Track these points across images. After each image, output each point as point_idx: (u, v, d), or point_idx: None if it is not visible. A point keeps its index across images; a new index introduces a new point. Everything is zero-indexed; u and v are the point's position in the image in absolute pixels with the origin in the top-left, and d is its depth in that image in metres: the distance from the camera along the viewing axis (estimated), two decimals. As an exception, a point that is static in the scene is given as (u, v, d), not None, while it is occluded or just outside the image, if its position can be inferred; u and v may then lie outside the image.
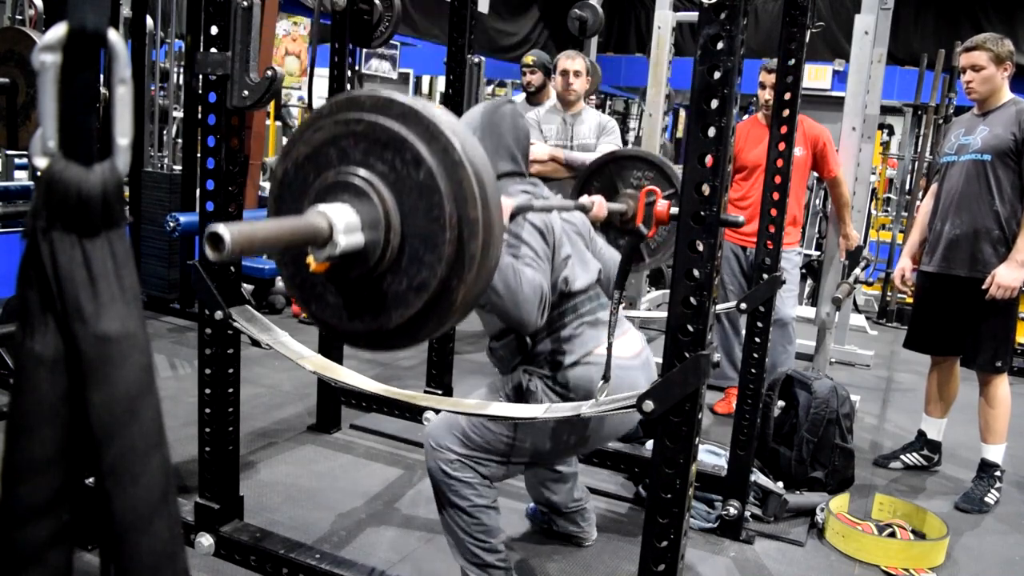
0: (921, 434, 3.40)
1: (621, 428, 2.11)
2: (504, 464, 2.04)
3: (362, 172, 1.00)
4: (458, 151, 0.96)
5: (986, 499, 3.04)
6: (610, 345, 1.74)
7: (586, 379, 1.97)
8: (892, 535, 2.68)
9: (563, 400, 1.98)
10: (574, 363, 1.99)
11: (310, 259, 0.99)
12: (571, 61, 3.77)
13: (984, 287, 2.94)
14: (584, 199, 2.26)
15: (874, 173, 6.44)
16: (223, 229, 0.82)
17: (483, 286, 1.02)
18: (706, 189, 1.43)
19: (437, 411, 3.04)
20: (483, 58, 3.30)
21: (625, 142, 6.44)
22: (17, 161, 5.28)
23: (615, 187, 2.76)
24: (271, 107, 6.88)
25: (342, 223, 0.96)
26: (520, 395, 2.05)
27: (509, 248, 1.89)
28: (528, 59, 4.20)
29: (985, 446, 3.11)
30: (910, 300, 4.23)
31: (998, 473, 3.09)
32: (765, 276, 2.58)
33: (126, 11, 4.78)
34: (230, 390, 2.13)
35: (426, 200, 0.97)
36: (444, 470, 2.00)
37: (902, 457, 3.38)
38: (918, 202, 6.45)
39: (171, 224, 4.21)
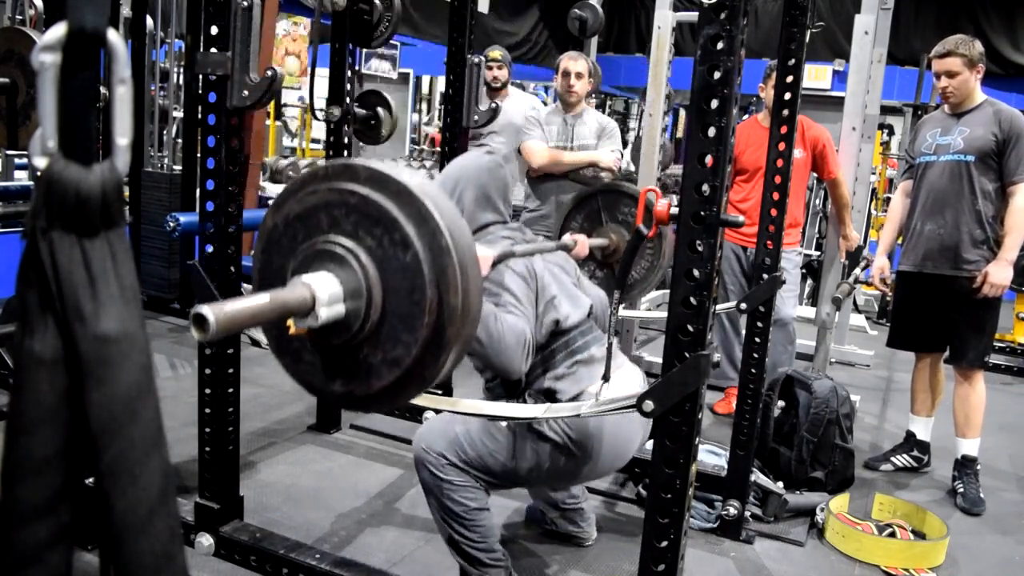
0: (910, 435, 3.40)
1: (617, 463, 2.09)
2: (495, 484, 2.04)
3: (350, 244, 1.01)
4: (446, 238, 0.98)
5: (980, 494, 3.07)
6: (610, 345, 1.74)
7: (578, 419, 1.95)
8: (892, 535, 2.68)
9: (555, 437, 1.97)
10: (568, 401, 1.97)
11: (290, 322, 0.99)
12: (574, 62, 3.76)
13: (975, 286, 3.00)
14: (566, 238, 2.27)
15: (874, 173, 6.43)
16: (207, 310, 0.82)
17: (455, 365, 1.04)
18: (706, 189, 1.43)
19: (437, 411, 3.04)
20: (483, 58, 3.31)
21: (625, 143, 6.42)
22: (17, 161, 5.27)
23: (600, 219, 2.75)
24: (271, 107, 6.88)
25: (325, 294, 0.97)
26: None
27: (491, 296, 1.89)
28: (496, 54, 4.25)
29: (964, 441, 3.15)
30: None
31: (978, 467, 3.15)
32: (765, 276, 2.59)
33: (126, 11, 4.78)
34: (230, 390, 2.13)
35: (409, 282, 0.99)
36: (436, 474, 2.00)
37: (892, 459, 3.38)
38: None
39: (171, 224, 4.20)
